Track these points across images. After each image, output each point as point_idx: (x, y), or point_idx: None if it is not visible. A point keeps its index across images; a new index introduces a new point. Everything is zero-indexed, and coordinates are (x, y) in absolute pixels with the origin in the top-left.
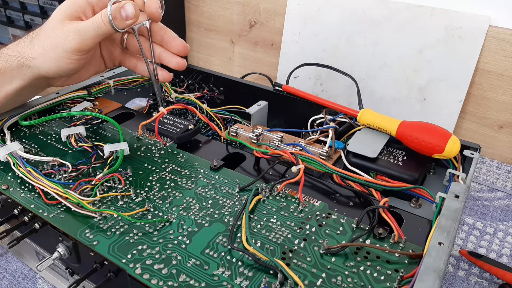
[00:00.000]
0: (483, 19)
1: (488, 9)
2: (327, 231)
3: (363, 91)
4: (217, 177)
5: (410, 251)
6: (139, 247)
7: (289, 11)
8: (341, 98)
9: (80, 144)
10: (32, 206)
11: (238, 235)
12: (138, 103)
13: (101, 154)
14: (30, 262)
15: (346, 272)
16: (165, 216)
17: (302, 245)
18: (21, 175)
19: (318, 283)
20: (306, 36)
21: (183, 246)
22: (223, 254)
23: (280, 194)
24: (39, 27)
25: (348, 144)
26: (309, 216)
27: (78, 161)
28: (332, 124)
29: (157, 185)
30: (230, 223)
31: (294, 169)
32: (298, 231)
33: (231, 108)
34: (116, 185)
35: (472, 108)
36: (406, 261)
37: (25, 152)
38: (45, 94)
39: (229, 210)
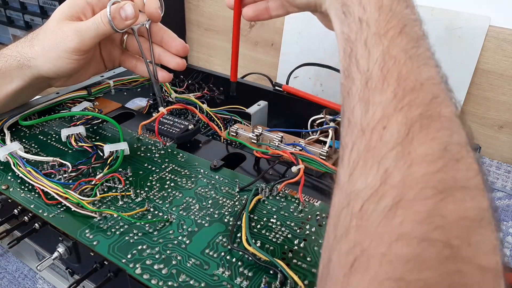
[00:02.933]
0: (483, 19)
1: (488, 9)
2: None
3: None
4: (217, 177)
5: None
6: (139, 247)
7: None
8: None
9: (80, 144)
10: (32, 206)
11: (238, 235)
12: (138, 103)
13: (101, 154)
14: (30, 262)
15: None
16: (165, 216)
17: (302, 245)
18: (21, 175)
19: None
20: (306, 36)
21: (183, 246)
22: (223, 254)
23: (280, 194)
24: (39, 28)
25: None
26: (309, 216)
27: (78, 161)
28: (332, 124)
29: (157, 185)
30: (230, 223)
31: (294, 169)
32: (298, 231)
33: (231, 108)
34: (116, 185)
35: (472, 108)
36: None
37: (25, 152)
38: (45, 94)
39: (229, 210)
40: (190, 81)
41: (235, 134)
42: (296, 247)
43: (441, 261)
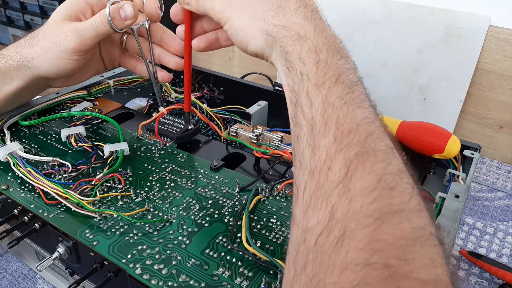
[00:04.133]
0: (483, 19)
1: (488, 9)
2: None
3: None
4: (217, 177)
5: None
6: (139, 247)
7: None
8: None
9: (80, 144)
10: (32, 206)
11: (238, 235)
12: (138, 103)
13: (101, 154)
14: (30, 262)
15: None
16: (165, 216)
17: None
18: (21, 175)
19: None
20: None
21: (183, 246)
22: (223, 254)
23: (280, 194)
24: (39, 28)
25: None
26: None
27: (78, 161)
28: None
29: (157, 185)
30: (230, 223)
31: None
32: None
33: (231, 108)
34: (116, 185)
35: (472, 108)
36: None
37: (25, 152)
38: (45, 94)
39: (229, 210)
40: None
41: (235, 134)
42: None
43: (382, 281)
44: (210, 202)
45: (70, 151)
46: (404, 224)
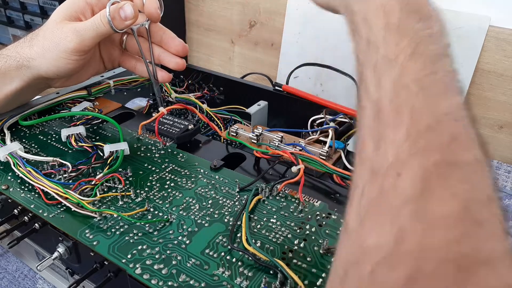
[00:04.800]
0: (483, 19)
1: (488, 9)
2: (327, 231)
3: None
4: (217, 177)
5: None
6: (139, 247)
7: (289, 11)
8: (341, 98)
9: (80, 144)
10: (32, 206)
11: (238, 235)
12: (138, 103)
13: (101, 154)
14: (30, 262)
15: None
16: (165, 216)
17: (302, 245)
18: (21, 175)
19: (318, 283)
20: (306, 36)
21: (183, 246)
22: (223, 254)
23: (280, 194)
24: (39, 28)
25: (348, 144)
26: (309, 216)
27: (78, 161)
28: (332, 124)
29: (157, 185)
30: (230, 223)
31: (294, 169)
32: (298, 231)
33: (231, 108)
34: (116, 185)
35: (472, 108)
36: None
37: (25, 152)
38: (45, 94)
39: (229, 210)
40: (190, 81)
41: (235, 134)
42: (296, 247)
43: None
44: (210, 202)
45: (70, 151)
46: (492, 281)
